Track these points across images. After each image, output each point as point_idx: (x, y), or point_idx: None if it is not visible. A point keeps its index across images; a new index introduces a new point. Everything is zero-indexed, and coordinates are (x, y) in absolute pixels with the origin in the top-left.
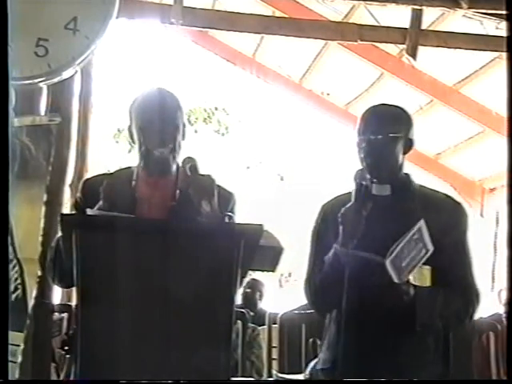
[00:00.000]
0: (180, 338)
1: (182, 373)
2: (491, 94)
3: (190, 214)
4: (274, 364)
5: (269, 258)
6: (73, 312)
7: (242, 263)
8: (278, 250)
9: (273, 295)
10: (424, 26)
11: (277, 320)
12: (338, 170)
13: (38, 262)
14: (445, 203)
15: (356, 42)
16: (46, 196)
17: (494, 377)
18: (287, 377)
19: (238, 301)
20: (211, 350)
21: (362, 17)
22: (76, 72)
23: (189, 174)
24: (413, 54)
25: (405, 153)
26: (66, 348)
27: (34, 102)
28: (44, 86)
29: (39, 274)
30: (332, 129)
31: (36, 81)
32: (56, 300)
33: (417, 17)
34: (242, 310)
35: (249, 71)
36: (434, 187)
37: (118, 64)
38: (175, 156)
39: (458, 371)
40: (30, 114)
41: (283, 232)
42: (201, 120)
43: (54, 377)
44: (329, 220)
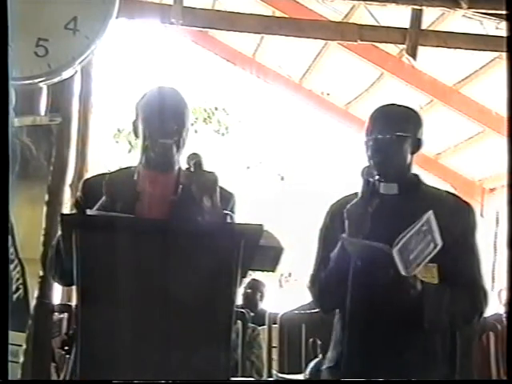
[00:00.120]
0: (180, 338)
1: (182, 373)
2: (491, 94)
3: (192, 208)
4: (274, 364)
5: (269, 258)
6: (73, 312)
7: (242, 263)
8: (278, 250)
9: (273, 295)
10: (424, 26)
11: (277, 320)
12: (339, 170)
13: (40, 262)
14: (452, 203)
15: (356, 42)
16: (47, 196)
17: (494, 377)
18: (287, 377)
19: (239, 301)
20: (211, 350)
21: (362, 17)
22: (76, 72)
23: (192, 170)
24: (413, 54)
25: (413, 153)
26: (65, 348)
27: (34, 102)
28: (44, 86)
29: (41, 274)
30: (332, 129)
31: (36, 81)
32: (56, 300)
33: (417, 17)
34: (242, 310)
35: (249, 71)
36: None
37: (118, 64)
38: (178, 151)
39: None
40: (30, 114)
41: (283, 232)
42: (201, 120)
43: (54, 377)
44: (336, 219)
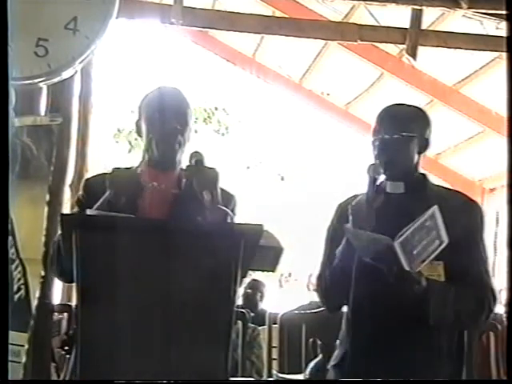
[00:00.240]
0: (180, 338)
1: (182, 373)
2: (491, 94)
3: (194, 202)
4: (274, 364)
5: (269, 258)
6: (73, 312)
7: (242, 263)
8: (278, 250)
9: (273, 295)
10: (424, 26)
11: (277, 320)
12: (339, 170)
13: (41, 262)
14: (460, 202)
15: (356, 42)
16: (48, 196)
17: (494, 377)
18: (287, 377)
19: (239, 301)
20: (211, 350)
21: (362, 17)
22: (76, 72)
23: (193, 166)
24: (413, 54)
25: (420, 152)
26: (65, 348)
27: (34, 102)
28: (44, 86)
29: (42, 274)
30: (332, 129)
31: (36, 81)
32: (56, 300)
33: (417, 17)
34: (242, 310)
35: (249, 71)
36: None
37: (117, 64)
38: (180, 150)
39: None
40: (30, 114)
41: (283, 232)
42: (201, 120)
43: (54, 377)
44: (343, 219)
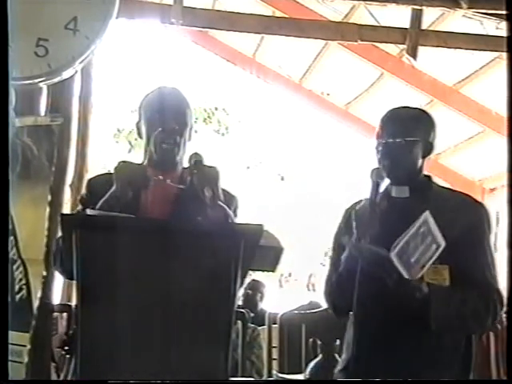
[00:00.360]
0: (180, 338)
1: (182, 372)
2: (491, 94)
3: (199, 199)
4: (274, 364)
5: (269, 258)
6: (73, 312)
7: (242, 263)
8: (278, 250)
9: (273, 295)
10: (424, 26)
11: (277, 320)
12: (339, 170)
13: (43, 262)
14: (465, 204)
15: (356, 42)
16: (49, 196)
17: (494, 377)
18: (287, 377)
19: (239, 302)
20: (211, 350)
21: (362, 17)
22: (76, 72)
23: (194, 165)
24: (413, 54)
25: (424, 156)
26: (65, 348)
27: (34, 102)
28: (44, 86)
29: (44, 274)
30: (332, 129)
31: (36, 81)
32: (56, 300)
33: (417, 17)
34: (242, 310)
35: (249, 71)
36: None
37: (118, 64)
38: (181, 151)
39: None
40: (30, 115)
41: (283, 232)
42: (201, 120)
43: (54, 377)
44: (350, 224)
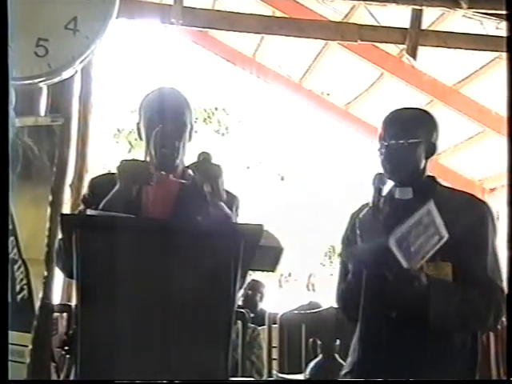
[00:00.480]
0: (180, 338)
1: (182, 373)
2: (491, 94)
3: (200, 193)
4: (274, 364)
5: (269, 258)
6: (73, 312)
7: (242, 263)
8: (278, 250)
9: (273, 295)
10: (424, 26)
11: (277, 320)
12: (339, 170)
13: (44, 262)
14: (469, 203)
15: (356, 42)
16: (50, 197)
17: (494, 377)
18: (287, 377)
19: (239, 302)
20: (211, 350)
21: (362, 17)
22: (76, 72)
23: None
24: (413, 54)
25: (427, 157)
26: (65, 348)
27: (34, 102)
28: (44, 86)
29: (45, 274)
30: (332, 129)
31: (36, 81)
32: (56, 300)
33: (417, 17)
34: (242, 310)
35: (249, 71)
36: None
37: (118, 64)
38: (181, 152)
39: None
40: (30, 115)
41: (283, 232)
42: (201, 120)
43: (54, 377)
44: (355, 229)
